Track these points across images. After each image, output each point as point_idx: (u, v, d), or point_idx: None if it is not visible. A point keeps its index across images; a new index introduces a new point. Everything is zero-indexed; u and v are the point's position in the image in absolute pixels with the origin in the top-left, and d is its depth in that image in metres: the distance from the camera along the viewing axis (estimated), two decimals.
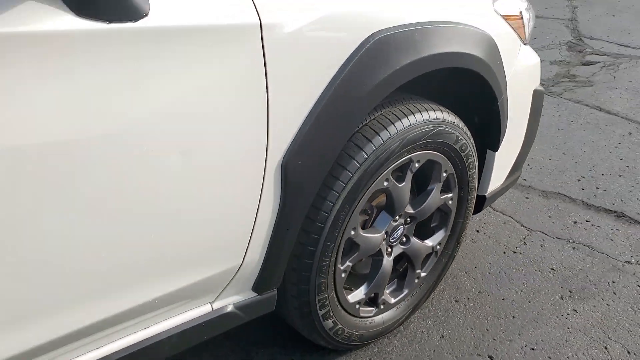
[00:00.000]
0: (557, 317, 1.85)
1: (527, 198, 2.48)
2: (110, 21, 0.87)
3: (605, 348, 1.74)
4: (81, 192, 0.92)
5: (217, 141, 1.06)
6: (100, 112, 0.89)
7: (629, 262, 2.12)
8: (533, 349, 1.73)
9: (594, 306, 1.91)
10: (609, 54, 4.42)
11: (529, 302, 1.91)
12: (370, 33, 1.21)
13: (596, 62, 4.21)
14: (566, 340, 1.77)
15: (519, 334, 1.77)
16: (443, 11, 1.39)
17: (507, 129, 1.68)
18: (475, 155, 1.64)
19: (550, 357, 1.70)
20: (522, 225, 2.29)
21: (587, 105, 3.45)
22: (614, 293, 1.97)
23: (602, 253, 2.16)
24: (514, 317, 1.84)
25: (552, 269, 2.07)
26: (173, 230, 1.08)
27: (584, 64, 4.17)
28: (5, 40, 0.79)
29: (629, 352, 1.73)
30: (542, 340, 1.76)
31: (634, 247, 2.20)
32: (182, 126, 1.00)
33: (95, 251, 0.98)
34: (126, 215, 0.99)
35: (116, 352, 1.13)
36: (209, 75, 1.00)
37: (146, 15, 0.90)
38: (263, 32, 1.04)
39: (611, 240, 2.24)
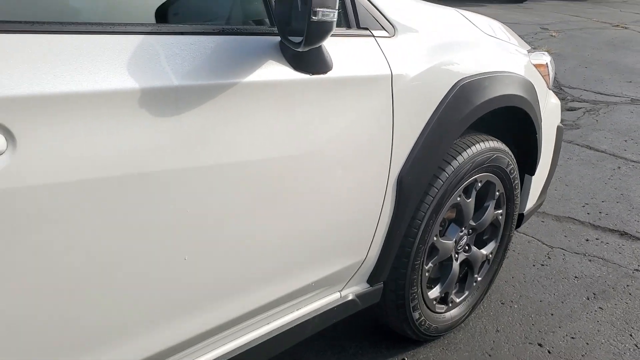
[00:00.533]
0: (587, 313, 2.22)
1: (543, 222, 2.88)
2: (312, 74, 1.25)
3: (630, 335, 2.11)
4: (282, 196, 1.27)
5: (359, 161, 1.42)
6: (303, 136, 1.26)
7: (637, 270, 2.51)
8: (572, 337, 2.08)
9: (615, 304, 2.28)
10: (588, 101, 4.96)
11: (562, 302, 2.27)
12: (457, 80, 1.61)
13: (578, 108, 4.74)
14: (598, 330, 2.13)
15: (559, 327, 2.13)
16: (500, 63, 1.81)
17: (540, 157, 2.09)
18: (518, 178, 2.03)
19: (587, 343, 2.06)
20: (544, 244, 2.68)
21: (578, 145, 3.92)
22: (630, 294, 2.35)
23: (614, 263, 2.56)
24: (552, 314, 2.20)
25: (576, 277, 2.45)
26: (325, 231, 1.43)
27: (568, 110, 4.69)
28: (257, 86, 1.16)
29: None
30: (578, 331, 2.12)
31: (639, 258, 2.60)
32: (342, 148, 1.37)
33: (273, 246, 1.30)
34: (293, 218, 1.32)
35: (279, 328, 1.45)
36: (360, 110, 1.38)
37: (331, 69, 1.28)
38: (393, 80, 1.43)
39: (619, 253, 2.64)
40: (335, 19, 1.08)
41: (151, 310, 1.11)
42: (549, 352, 2.00)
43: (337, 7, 1.07)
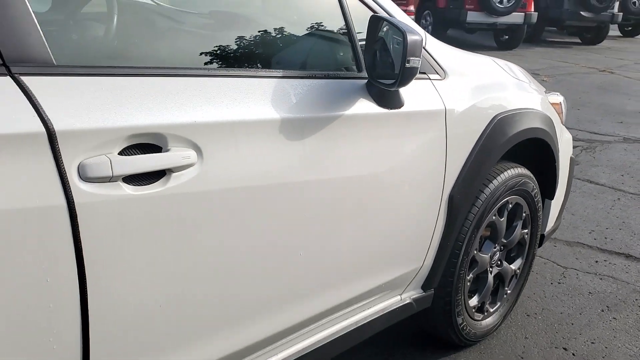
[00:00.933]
0: (604, 322, 2.49)
1: (555, 246, 3.17)
2: (390, 109, 1.55)
3: None
4: (367, 206, 1.56)
5: (421, 180, 1.72)
6: (383, 158, 1.55)
7: None
8: (592, 342, 2.35)
9: (627, 315, 2.56)
10: (584, 140, 5.32)
11: (580, 314, 2.55)
12: (494, 114, 1.92)
13: (576, 147, 5.09)
14: (614, 337, 2.40)
15: (580, 334, 2.40)
16: (525, 101, 2.13)
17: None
18: (541, 201, 2.33)
19: (606, 347, 2.32)
20: (558, 265, 2.96)
21: (579, 179, 4.25)
22: (639, 306, 2.63)
23: (623, 281, 2.84)
24: (572, 323, 2.47)
25: (590, 292, 2.72)
26: (394, 239, 1.71)
27: None
28: (353, 117, 1.46)
29: None
30: (597, 337, 2.39)
31: None
32: (409, 169, 1.66)
33: (359, 246, 1.58)
34: (374, 225, 1.60)
35: (354, 323, 1.72)
36: (422, 138, 1.68)
37: (403, 105, 1.59)
38: (446, 114, 1.75)
39: (626, 272, 2.93)
40: (419, 65, 1.39)
41: (287, 291, 1.39)
42: (573, 354, 2.26)
43: (421, 57, 1.38)
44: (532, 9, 10.79)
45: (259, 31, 1.52)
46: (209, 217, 1.16)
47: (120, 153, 1.03)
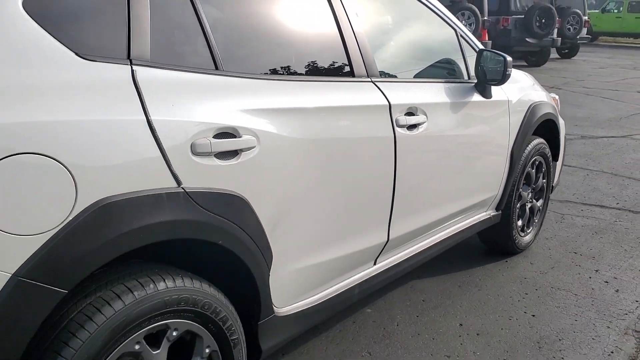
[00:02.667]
0: (595, 240, 3.83)
1: (552, 203, 4.53)
2: (487, 98, 2.87)
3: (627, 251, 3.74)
4: (474, 156, 2.86)
5: (498, 141, 3.02)
6: (482, 127, 2.87)
7: (617, 221, 4.18)
8: (591, 249, 3.69)
9: (608, 235, 3.91)
10: None
11: (579, 236, 3.89)
12: (530, 104, 3.27)
13: None
14: (603, 246, 3.75)
15: (582, 246, 3.74)
16: (541, 96, 3.48)
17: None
18: (551, 161, 3.68)
19: (599, 251, 3.67)
20: (558, 213, 4.32)
21: None
22: (614, 231, 4.00)
23: (602, 219, 4.21)
24: (575, 241, 3.81)
25: (582, 225, 4.07)
26: (485, 175, 3.01)
27: None
28: (470, 103, 2.77)
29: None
30: (593, 247, 3.73)
31: None
32: (493, 135, 2.97)
33: (470, 177, 2.85)
34: (476, 166, 2.88)
35: (465, 224, 2.99)
36: (498, 116, 3.00)
37: (492, 97, 2.91)
38: (509, 103, 3.08)
39: (603, 215, 4.31)
40: (507, 77, 2.72)
41: (423, 207, 2.66)
42: (580, 255, 3.60)
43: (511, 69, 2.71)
44: (487, 38, 12.51)
45: (425, 60, 2.80)
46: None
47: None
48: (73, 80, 1.36)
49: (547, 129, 3.56)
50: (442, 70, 2.81)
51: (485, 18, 12.61)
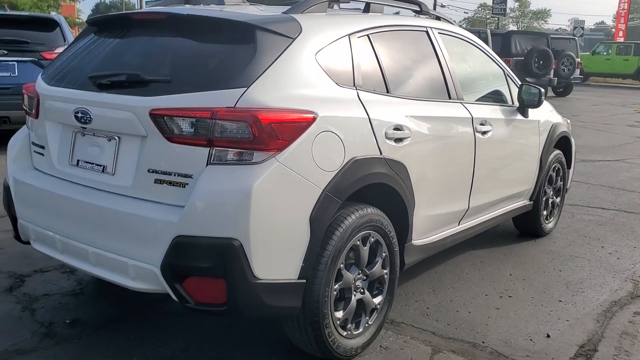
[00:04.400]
0: (600, 229, 5.06)
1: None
2: (526, 117, 4.13)
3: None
4: (515, 158, 4.11)
5: (533, 150, 4.28)
6: (522, 138, 4.12)
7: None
8: (600, 240, 4.91)
9: (610, 225, 5.14)
10: None
11: (587, 227, 5.11)
12: (552, 124, 4.53)
13: None
14: (605, 232, 4.98)
15: (595, 232, 4.96)
16: (558, 119, 4.73)
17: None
18: (567, 169, 4.93)
19: (606, 235, 4.89)
20: (568, 212, 5.55)
21: None
22: (614, 225, 5.23)
23: (603, 217, 5.45)
24: (586, 236, 5.03)
25: (589, 220, 5.31)
26: (523, 172, 4.25)
27: None
28: (515, 120, 4.02)
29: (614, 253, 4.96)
30: (601, 233, 4.96)
31: None
32: (529, 144, 4.23)
33: (512, 174, 4.09)
34: (517, 167, 4.10)
35: (507, 209, 4.20)
36: (532, 131, 4.25)
37: (528, 117, 4.17)
38: (539, 122, 4.34)
39: (605, 212, 5.55)
40: (541, 103, 3.99)
41: (489, 188, 3.89)
42: (586, 236, 4.82)
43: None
44: None
45: (486, 89, 4.05)
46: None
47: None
48: (334, 96, 2.59)
49: (562, 143, 4.82)
50: (497, 96, 4.07)
51: None
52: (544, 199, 4.63)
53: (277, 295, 2.32)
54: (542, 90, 4.01)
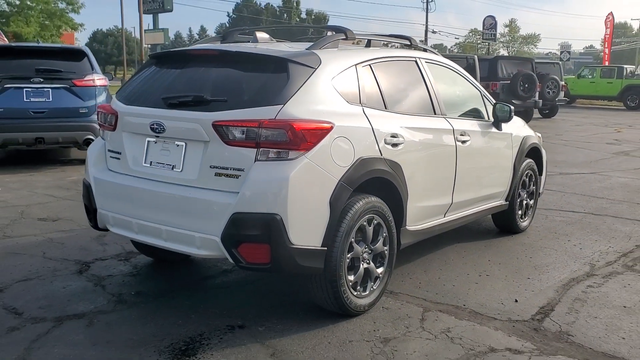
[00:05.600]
0: (569, 227, 5.90)
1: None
2: (500, 130, 4.99)
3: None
4: (490, 165, 4.95)
5: (507, 156, 5.12)
6: (494, 147, 4.97)
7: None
8: (576, 242, 5.75)
9: (580, 224, 5.98)
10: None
11: (556, 224, 5.95)
12: (523, 136, 5.39)
13: None
14: (584, 234, 5.82)
15: (565, 235, 5.80)
16: (529, 132, 5.58)
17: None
18: (537, 176, 5.78)
19: (571, 233, 5.72)
20: (542, 211, 6.39)
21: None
22: (587, 222, 6.07)
23: (572, 217, 6.29)
24: (556, 232, 5.86)
25: (560, 220, 6.14)
26: (498, 176, 5.08)
27: None
28: (488, 132, 4.88)
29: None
30: (573, 232, 5.79)
31: None
32: (502, 153, 5.07)
33: (486, 177, 4.92)
34: (491, 171, 4.94)
35: (483, 208, 5.02)
36: (505, 143, 5.10)
37: (502, 130, 5.04)
38: (512, 135, 5.19)
39: (576, 213, 6.39)
40: (511, 119, 4.85)
41: (469, 188, 4.73)
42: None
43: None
44: None
45: (466, 107, 4.90)
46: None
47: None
48: (346, 111, 3.43)
49: (534, 153, 5.67)
50: (474, 113, 4.92)
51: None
52: (518, 200, 5.45)
53: (306, 258, 3.12)
54: (512, 107, 4.87)
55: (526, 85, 16.15)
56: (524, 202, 5.59)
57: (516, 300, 3.90)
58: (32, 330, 3.29)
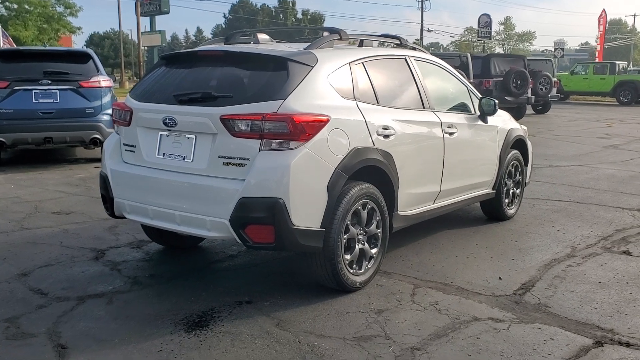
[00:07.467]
0: (555, 213, 6.25)
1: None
2: (485, 123, 5.33)
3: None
4: (477, 156, 5.29)
5: (493, 147, 5.46)
6: (481, 137, 5.31)
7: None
8: (560, 227, 6.09)
9: (565, 212, 6.33)
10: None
11: (541, 213, 6.29)
12: (509, 128, 5.71)
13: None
14: (567, 219, 6.16)
15: (550, 220, 6.14)
16: (515, 124, 5.91)
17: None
18: (524, 166, 6.13)
19: (560, 219, 6.07)
20: (528, 200, 6.73)
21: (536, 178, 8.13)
22: (572, 211, 6.42)
23: (557, 205, 6.64)
24: (542, 219, 6.21)
25: (546, 207, 6.49)
26: (486, 166, 5.42)
27: None
28: (475, 125, 5.22)
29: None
30: (560, 222, 6.14)
31: None
32: (489, 144, 5.41)
33: (475, 167, 5.25)
34: (479, 161, 5.27)
35: (470, 196, 5.35)
36: (491, 134, 5.43)
37: (487, 123, 5.38)
38: (497, 127, 5.53)
39: (560, 201, 6.74)
40: (496, 112, 5.20)
41: (457, 176, 5.07)
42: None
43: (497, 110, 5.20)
44: None
45: (453, 102, 5.24)
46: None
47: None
48: (340, 105, 3.77)
49: (520, 145, 6.01)
50: (461, 107, 5.26)
51: (471, 80, 15.36)
52: (505, 189, 5.79)
53: (307, 237, 3.46)
54: (497, 101, 5.21)
55: (518, 82, 16.49)
56: (511, 190, 5.92)
57: (500, 278, 4.24)
58: (58, 308, 3.62)
